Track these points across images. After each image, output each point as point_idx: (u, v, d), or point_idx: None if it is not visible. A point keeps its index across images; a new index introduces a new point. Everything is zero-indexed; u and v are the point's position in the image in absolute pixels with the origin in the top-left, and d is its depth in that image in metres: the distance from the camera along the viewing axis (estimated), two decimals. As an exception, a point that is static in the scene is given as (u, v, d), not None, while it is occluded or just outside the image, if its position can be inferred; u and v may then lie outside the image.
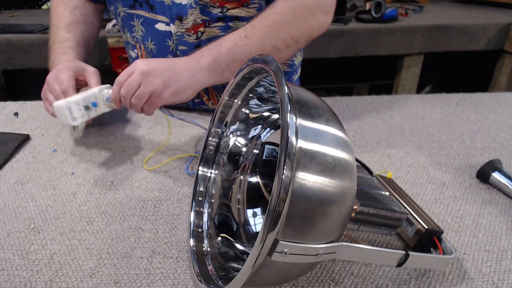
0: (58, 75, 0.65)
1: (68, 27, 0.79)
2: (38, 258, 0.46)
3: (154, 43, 0.78)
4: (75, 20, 0.81)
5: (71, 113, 0.59)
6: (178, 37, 0.75)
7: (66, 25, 0.79)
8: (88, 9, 0.85)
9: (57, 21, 0.80)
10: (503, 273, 0.45)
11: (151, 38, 0.78)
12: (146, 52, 0.81)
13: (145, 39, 0.79)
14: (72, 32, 0.79)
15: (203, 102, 0.85)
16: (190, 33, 0.74)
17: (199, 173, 0.52)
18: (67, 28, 0.79)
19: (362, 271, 0.45)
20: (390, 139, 0.74)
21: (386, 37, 1.74)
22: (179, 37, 0.75)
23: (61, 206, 0.55)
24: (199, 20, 0.73)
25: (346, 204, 0.34)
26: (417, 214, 0.47)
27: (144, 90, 0.60)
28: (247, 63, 0.44)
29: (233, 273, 0.41)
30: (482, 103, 0.90)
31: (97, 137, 0.74)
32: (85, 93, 0.62)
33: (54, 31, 0.79)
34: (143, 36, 0.79)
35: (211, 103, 0.85)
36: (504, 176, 0.58)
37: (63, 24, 0.79)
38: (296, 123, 0.32)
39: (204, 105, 0.86)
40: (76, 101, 0.60)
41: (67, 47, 0.76)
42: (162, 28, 0.76)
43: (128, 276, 0.44)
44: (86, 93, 0.62)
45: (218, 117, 0.52)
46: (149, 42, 0.78)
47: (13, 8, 2.06)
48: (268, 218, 0.29)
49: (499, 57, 1.91)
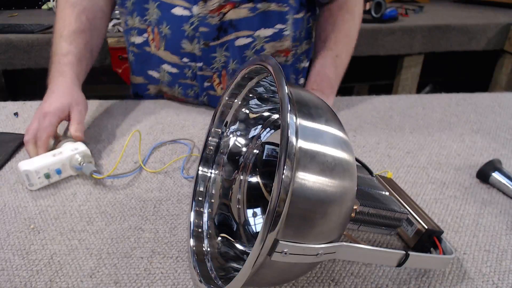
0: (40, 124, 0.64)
1: (71, 37, 0.76)
2: (38, 258, 0.46)
3: (169, 28, 0.78)
4: (80, 28, 0.77)
5: (29, 180, 0.57)
6: (201, 18, 0.76)
7: (70, 34, 0.76)
8: (96, 12, 0.82)
9: (61, 27, 0.77)
10: (503, 273, 0.45)
11: (166, 22, 0.78)
12: (160, 36, 0.80)
13: (160, 23, 0.79)
14: (75, 44, 0.76)
15: (212, 87, 0.85)
16: (214, 14, 0.75)
17: (199, 173, 0.52)
18: (70, 39, 0.76)
19: (362, 271, 0.45)
20: (390, 139, 0.74)
21: (386, 37, 1.74)
22: (202, 19, 0.76)
23: (61, 206, 0.55)
24: (222, 1, 0.74)
25: (346, 204, 0.34)
26: (417, 214, 0.47)
27: None
28: (247, 63, 0.44)
29: (233, 273, 0.41)
30: (482, 103, 0.90)
31: (97, 137, 0.74)
32: (51, 159, 0.59)
33: (57, 39, 0.76)
34: (158, 19, 0.78)
35: (220, 87, 0.85)
36: (504, 176, 0.58)
37: (67, 32, 0.76)
38: (296, 123, 0.32)
39: (213, 90, 0.85)
40: (36, 170, 0.57)
41: (66, 64, 0.74)
42: (179, 13, 0.76)
43: (128, 276, 0.44)
44: (53, 158, 0.59)
45: (218, 117, 0.52)
46: (164, 26, 0.78)
47: (13, 8, 2.06)
48: (268, 218, 0.29)
49: (499, 57, 1.91)
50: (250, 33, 0.79)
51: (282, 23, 0.80)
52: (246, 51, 0.80)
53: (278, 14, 0.78)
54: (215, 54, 0.80)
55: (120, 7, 0.85)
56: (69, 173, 0.61)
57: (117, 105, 0.87)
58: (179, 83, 0.86)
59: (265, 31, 0.79)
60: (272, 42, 0.81)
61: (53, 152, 0.61)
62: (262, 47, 0.81)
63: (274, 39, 0.81)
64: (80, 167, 0.59)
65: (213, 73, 0.83)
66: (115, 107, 0.86)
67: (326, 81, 0.80)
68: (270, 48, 0.82)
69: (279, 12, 0.78)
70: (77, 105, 0.69)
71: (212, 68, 0.82)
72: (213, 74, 0.83)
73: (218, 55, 0.80)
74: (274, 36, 0.80)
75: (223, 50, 0.80)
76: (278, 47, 0.82)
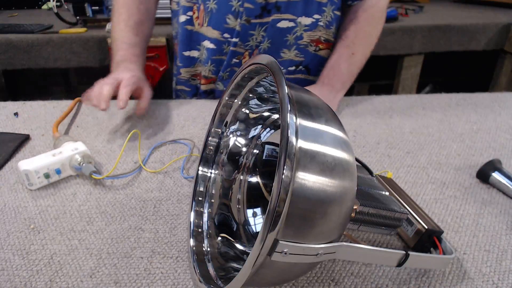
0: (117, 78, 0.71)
1: (136, 28, 0.83)
2: (38, 258, 0.46)
3: (216, 2, 0.80)
4: (141, 19, 0.84)
5: (28, 179, 0.57)
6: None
7: (135, 25, 0.83)
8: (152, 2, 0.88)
9: (125, 17, 0.83)
10: (503, 273, 0.45)
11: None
12: (205, 11, 0.82)
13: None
14: (141, 36, 0.84)
15: (240, 63, 0.88)
16: None
17: (199, 173, 0.52)
18: (136, 30, 0.83)
19: (362, 271, 0.45)
20: (390, 139, 0.74)
21: (386, 37, 1.74)
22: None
23: (61, 206, 0.55)
24: None
25: (346, 204, 0.34)
26: (417, 214, 0.47)
27: None
28: (247, 63, 0.44)
29: (233, 273, 0.41)
30: (482, 103, 0.90)
31: (97, 137, 0.74)
32: (51, 159, 0.59)
33: (122, 28, 0.82)
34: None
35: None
36: (504, 176, 0.58)
37: (132, 23, 0.83)
38: (296, 123, 0.32)
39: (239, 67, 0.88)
40: (36, 170, 0.57)
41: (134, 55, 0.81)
42: None
43: (128, 276, 0.44)
44: (53, 158, 0.59)
45: (218, 117, 0.52)
46: (211, 1, 0.80)
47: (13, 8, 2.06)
48: (268, 218, 0.29)
49: (499, 57, 1.91)
50: (293, 18, 0.82)
51: (319, 14, 0.84)
52: (288, 35, 0.84)
53: (317, 4, 0.82)
54: (253, 32, 0.82)
55: None
56: (69, 173, 0.61)
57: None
58: (212, 59, 0.88)
59: (305, 20, 0.83)
60: (309, 32, 0.85)
61: (53, 152, 0.61)
62: (301, 35, 0.84)
63: (311, 28, 0.85)
64: (80, 167, 0.59)
65: (245, 50, 0.85)
66: (115, 107, 0.86)
67: (338, 76, 0.82)
68: (306, 37, 0.85)
69: (319, 2, 0.82)
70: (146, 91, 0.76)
71: (246, 46, 0.84)
72: (246, 51, 0.85)
73: (256, 33, 0.83)
74: (311, 25, 0.84)
75: (261, 30, 0.82)
76: (312, 36, 0.86)
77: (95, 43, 1.57)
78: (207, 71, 0.90)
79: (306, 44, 0.86)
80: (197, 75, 0.94)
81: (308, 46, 0.87)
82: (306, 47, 0.87)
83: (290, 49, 0.86)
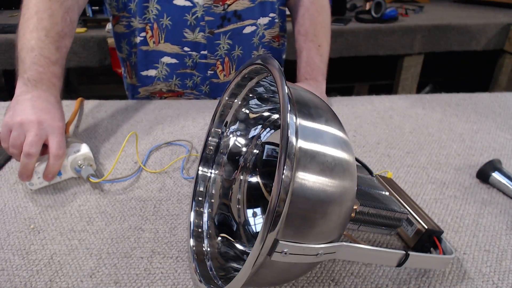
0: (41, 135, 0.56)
1: (59, 41, 0.66)
2: (38, 258, 0.46)
3: (170, 19, 0.83)
4: (64, 31, 0.68)
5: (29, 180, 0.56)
6: (206, 8, 0.83)
7: (58, 37, 0.66)
8: (76, 15, 0.72)
9: (47, 23, 0.65)
10: (503, 273, 0.45)
11: (167, 14, 0.83)
12: (160, 29, 0.84)
13: (160, 16, 0.83)
14: (62, 52, 0.67)
15: (216, 74, 0.92)
16: (218, 4, 0.83)
17: (199, 173, 0.52)
18: (58, 43, 0.66)
19: (362, 271, 0.45)
20: (390, 139, 0.74)
21: (386, 37, 1.74)
22: (207, 9, 0.83)
23: (61, 206, 0.55)
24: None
25: (346, 204, 0.34)
26: (417, 214, 0.47)
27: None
28: (247, 63, 0.44)
29: (233, 273, 0.42)
30: (482, 103, 0.90)
31: (97, 137, 0.74)
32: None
33: (42, 38, 0.64)
34: (158, 14, 0.83)
35: (223, 74, 0.92)
36: (504, 176, 0.58)
37: (54, 34, 0.66)
38: (296, 123, 0.32)
39: (216, 78, 0.92)
40: (36, 170, 0.56)
41: (54, 76, 0.65)
42: (181, 3, 0.82)
43: (128, 276, 0.44)
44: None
45: (218, 117, 0.52)
46: (165, 18, 0.83)
47: (13, 8, 2.06)
48: (268, 218, 0.29)
49: (499, 57, 1.91)
50: (253, 22, 0.89)
51: (273, 12, 0.91)
52: (254, 38, 0.91)
53: (270, 3, 0.90)
54: (219, 41, 0.87)
55: (123, 11, 0.86)
56: (70, 175, 0.60)
57: (117, 105, 0.87)
58: (177, 74, 0.90)
59: (263, 19, 0.90)
60: (268, 30, 0.92)
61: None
62: (263, 34, 0.92)
63: (270, 26, 0.92)
64: (79, 170, 0.59)
65: (216, 60, 0.90)
66: (115, 107, 0.86)
67: (316, 70, 0.86)
68: (268, 34, 0.93)
69: (271, 2, 0.90)
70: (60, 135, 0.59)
71: (216, 55, 0.89)
72: (217, 61, 0.90)
73: (222, 42, 0.88)
74: (270, 23, 0.92)
75: (226, 38, 0.87)
76: (272, 33, 0.94)
77: (95, 43, 1.58)
78: (172, 85, 0.92)
79: (269, 41, 0.94)
80: (156, 93, 0.96)
81: (271, 42, 0.95)
82: (270, 44, 0.95)
83: (258, 49, 0.93)
